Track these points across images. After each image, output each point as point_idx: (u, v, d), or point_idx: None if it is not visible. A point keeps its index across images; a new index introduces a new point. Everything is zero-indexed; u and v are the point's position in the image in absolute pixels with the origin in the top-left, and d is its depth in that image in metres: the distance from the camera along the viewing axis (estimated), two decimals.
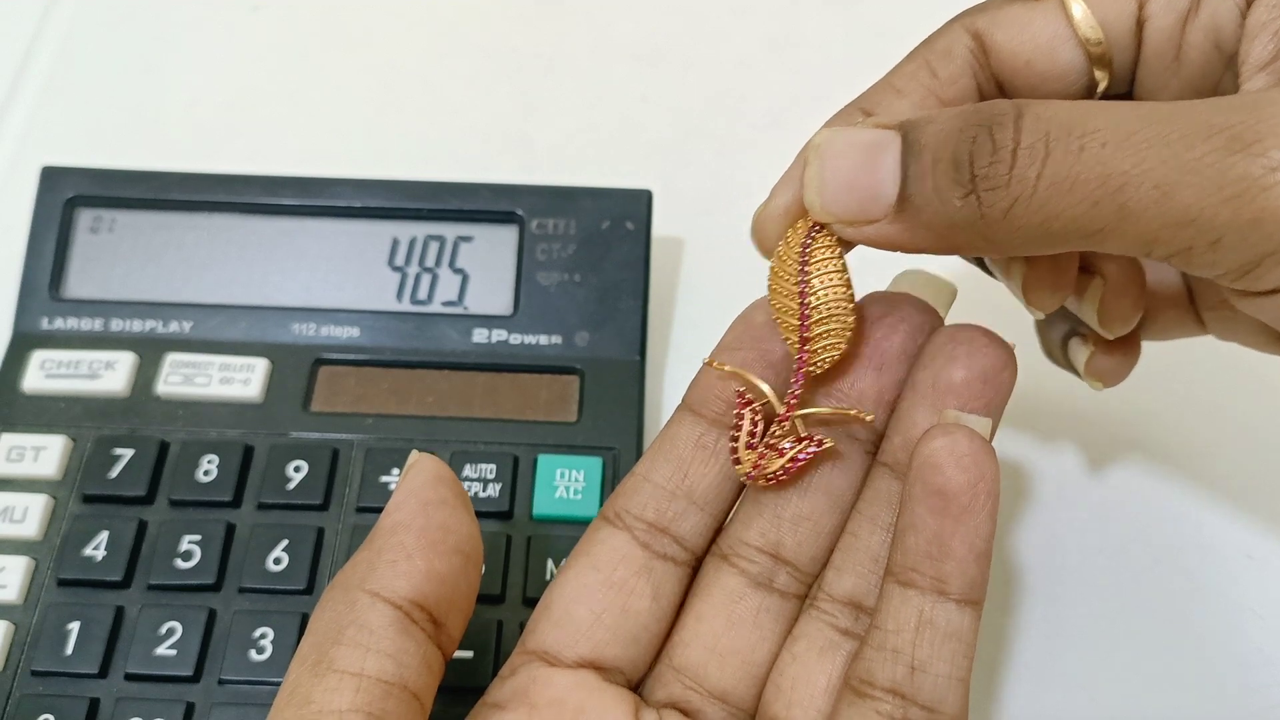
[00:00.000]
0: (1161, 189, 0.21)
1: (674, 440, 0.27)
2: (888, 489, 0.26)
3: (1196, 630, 0.34)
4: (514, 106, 0.46)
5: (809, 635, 0.26)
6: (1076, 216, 0.22)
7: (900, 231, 0.24)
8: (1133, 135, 0.21)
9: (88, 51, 0.48)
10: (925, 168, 0.23)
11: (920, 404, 0.26)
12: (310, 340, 0.36)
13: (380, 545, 0.24)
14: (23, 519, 0.33)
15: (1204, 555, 0.36)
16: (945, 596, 0.24)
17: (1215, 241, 0.21)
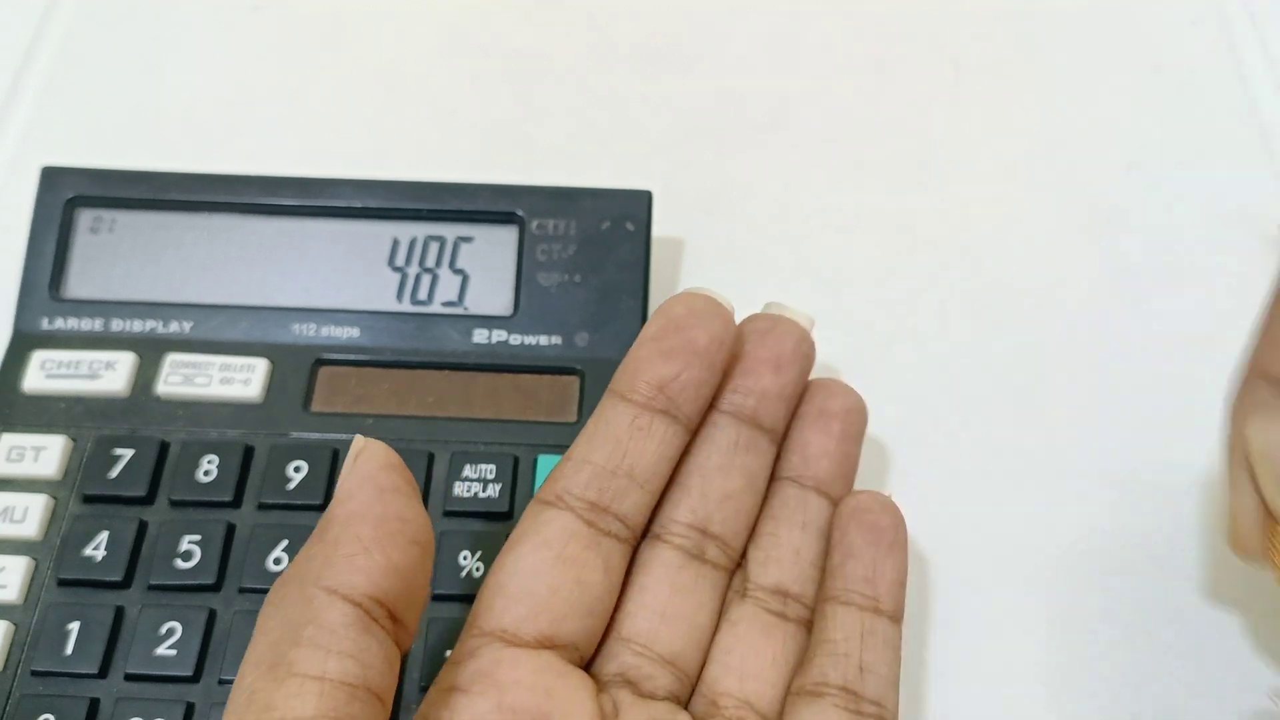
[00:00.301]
0: None
1: (609, 424, 0.29)
2: (797, 495, 0.31)
3: (1194, 630, 0.34)
4: (514, 107, 0.46)
5: (748, 618, 0.29)
6: None
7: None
8: None
9: (88, 51, 0.48)
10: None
11: (810, 428, 0.32)
12: (310, 340, 0.36)
13: (335, 537, 0.23)
14: (23, 519, 0.33)
15: (1203, 555, 0.36)
16: (880, 614, 0.29)
17: None
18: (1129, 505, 0.36)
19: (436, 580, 0.32)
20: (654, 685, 0.28)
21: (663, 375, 0.29)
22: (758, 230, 0.43)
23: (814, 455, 0.31)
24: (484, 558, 0.33)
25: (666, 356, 0.29)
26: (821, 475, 0.31)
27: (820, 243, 0.41)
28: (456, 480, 0.34)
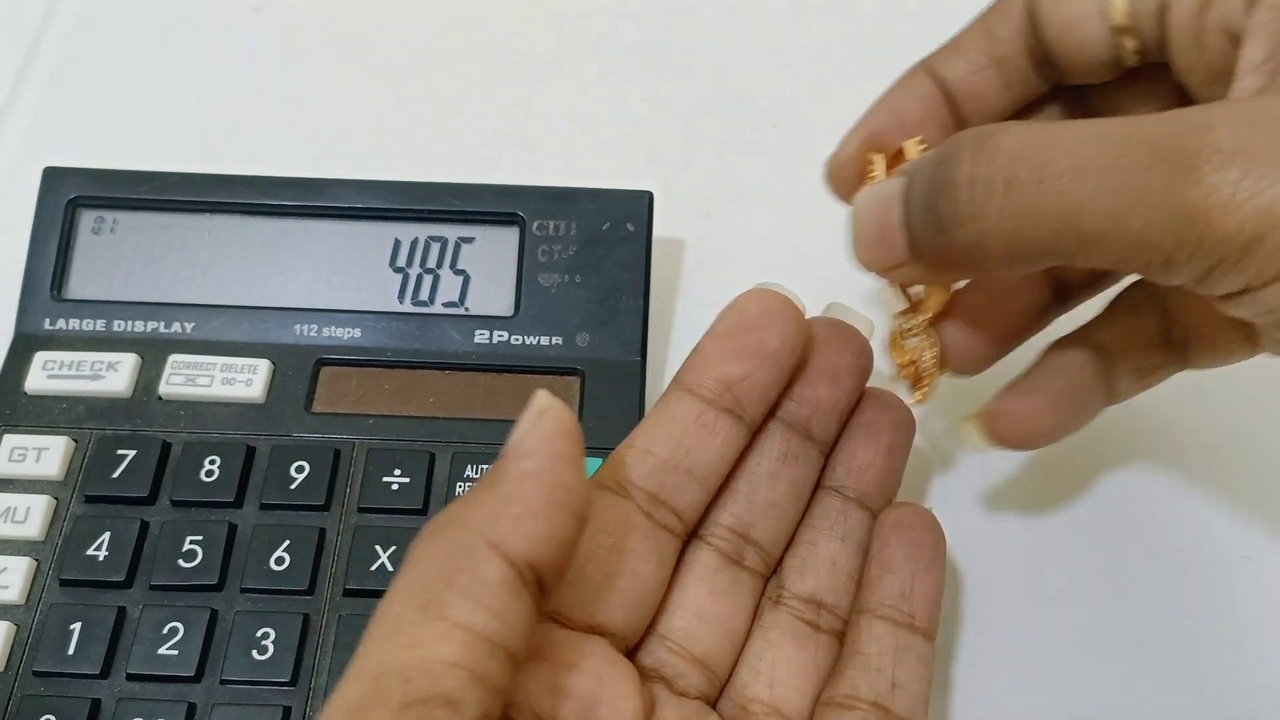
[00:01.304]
0: (1113, 218, 0.23)
1: (673, 417, 0.29)
2: (838, 506, 0.31)
3: (1195, 631, 0.34)
4: (515, 107, 0.46)
5: (781, 625, 0.29)
6: (1043, 241, 0.24)
7: (919, 271, 0.27)
8: (1086, 164, 0.23)
9: (90, 52, 0.48)
10: (915, 213, 0.26)
11: (859, 440, 0.31)
12: (312, 341, 0.36)
13: (506, 493, 0.23)
14: (25, 519, 0.33)
15: (1202, 556, 0.36)
16: (914, 630, 0.29)
17: (1167, 260, 0.23)
18: None
19: None
20: (686, 684, 0.28)
21: (731, 374, 0.29)
22: (758, 231, 0.43)
23: (860, 468, 0.31)
24: None
25: (737, 356, 0.29)
26: (865, 488, 0.31)
27: (820, 243, 0.41)
28: (458, 481, 0.34)
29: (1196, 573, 0.35)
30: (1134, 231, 0.23)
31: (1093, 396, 0.32)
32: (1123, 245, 0.23)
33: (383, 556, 0.33)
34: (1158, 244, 0.23)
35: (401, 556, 0.32)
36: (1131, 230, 0.23)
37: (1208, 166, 0.22)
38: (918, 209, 0.26)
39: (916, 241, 0.26)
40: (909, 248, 0.27)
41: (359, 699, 0.21)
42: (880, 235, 0.27)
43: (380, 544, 0.33)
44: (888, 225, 0.27)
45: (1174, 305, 0.32)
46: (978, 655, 0.34)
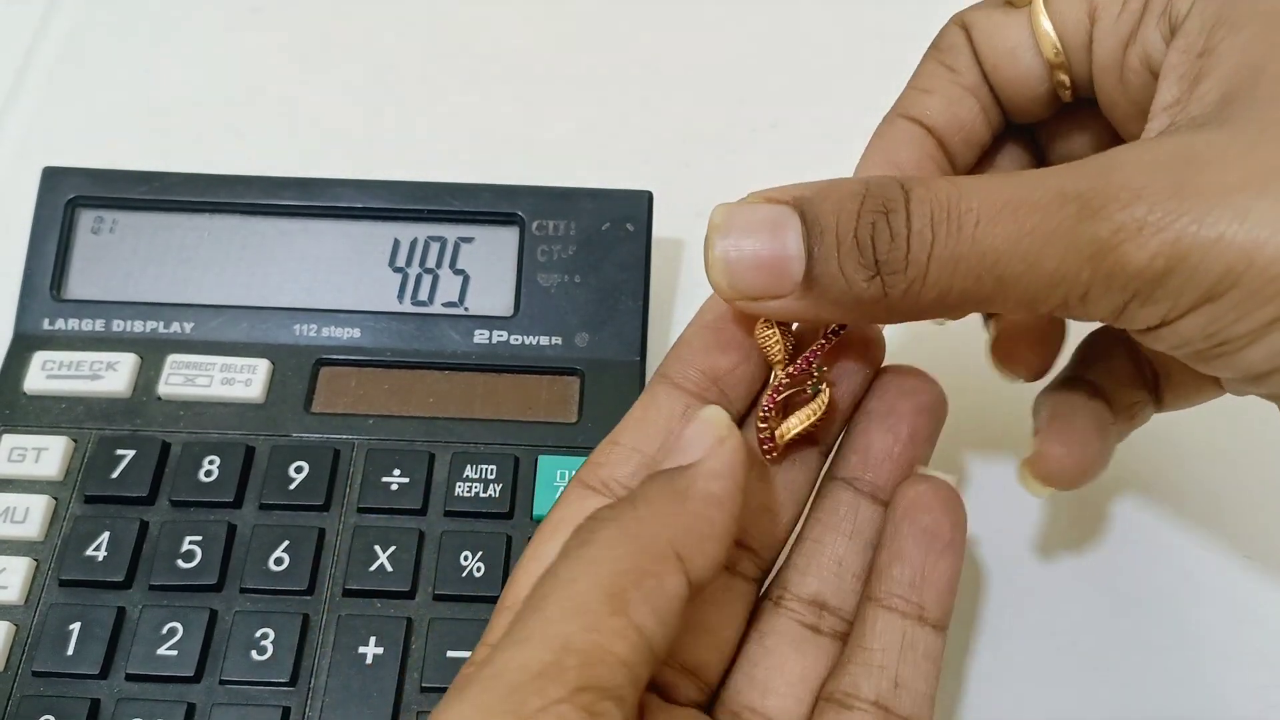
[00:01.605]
0: (1028, 260, 0.23)
1: (660, 411, 0.28)
2: (850, 500, 0.29)
3: (1194, 631, 0.34)
4: (514, 107, 0.46)
5: (779, 630, 0.28)
6: (965, 289, 0.24)
7: (807, 307, 0.25)
8: (1000, 211, 0.23)
9: (89, 52, 0.48)
10: (830, 250, 0.24)
11: (875, 428, 0.29)
12: (311, 341, 0.36)
13: (696, 512, 0.23)
14: (24, 519, 0.33)
15: (1203, 557, 0.36)
16: (924, 622, 0.27)
17: (1083, 295, 0.24)
18: None
19: (437, 580, 0.32)
20: (677, 693, 0.27)
21: (718, 366, 0.28)
22: None
23: (875, 459, 0.29)
24: (485, 558, 0.33)
25: (724, 347, 0.28)
26: (880, 482, 0.29)
27: None
28: (457, 480, 0.34)
29: (1197, 573, 0.35)
30: (1048, 271, 0.23)
31: (1110, 428, 0.32)
32: (1039, 284, 0.23)
33: (382, 557, 0.33)
34: (1073, 280, 0.23)
35: (400, 556, 0.32)
36: (1046, 270, 0.23)
37: (1114, 205, 0.23)
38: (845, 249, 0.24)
39: (822, 279, 0.24)
40: (804, 281, 0.25)
41: (538, 666, 0.21)
42: (767, 262, 0.25)
43: (379, 544, 0.33)
44: (780, 252, 0.25)
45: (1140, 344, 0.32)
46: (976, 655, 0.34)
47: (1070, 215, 0.23)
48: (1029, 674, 0.34)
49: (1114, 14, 0.27)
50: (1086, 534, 0.36)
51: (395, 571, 0.32)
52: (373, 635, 0.31)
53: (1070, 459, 0.31)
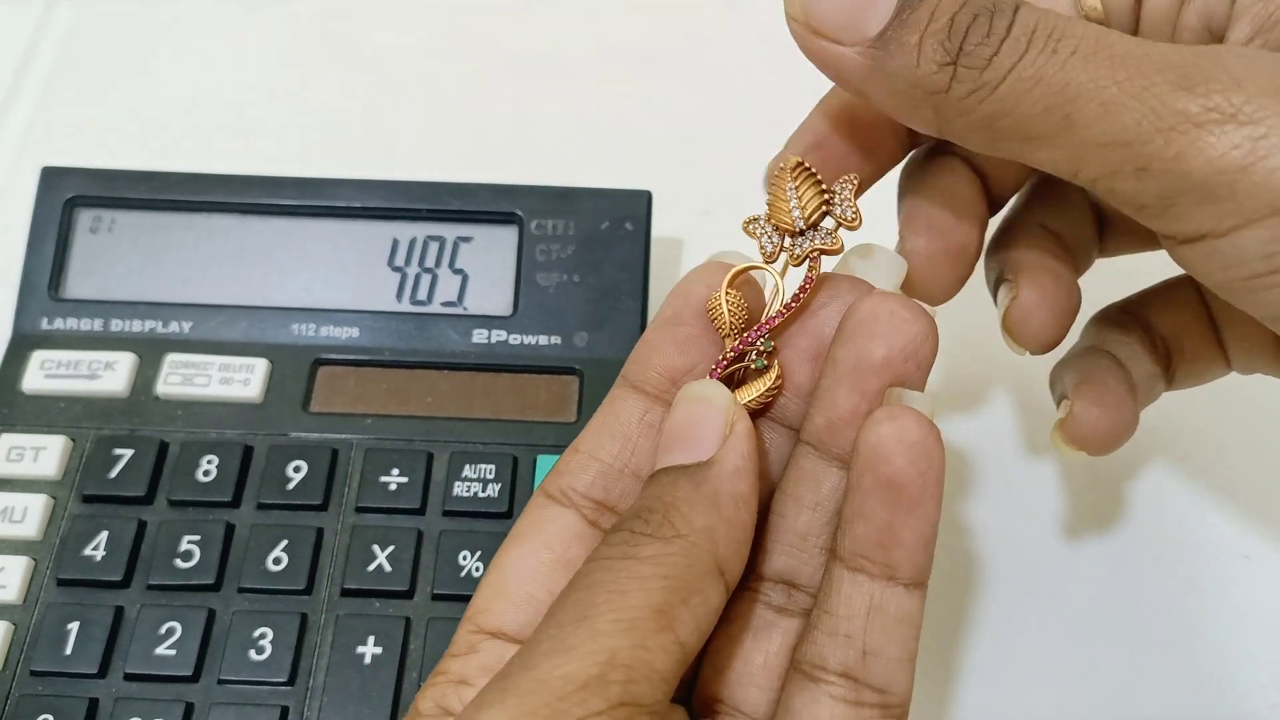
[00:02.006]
0: (1107, 106, 0.22)
1: (618, 416, 0.27)
2: (812, 468, 0.26)
3: (1194, 630, 0.34)
4: (514, 107, 0.46)
5: (743, 615, 0.26)
6: (1025, 117, 0.23)
7: (859, 66, 0.24)
8: (1099, 50, 0.22)
9: (88, 52, 0.48)
10: (920, 20, 0.23)
11: (842, 383, 0.25)
12: (310, 340, 0.36)
13: (729, 517, 0.23)
14: (22, 519, 0.33)
15: (1201, 556, 0.36)
16: (895, 582, 0.24)
17: (1142, 169, 0.22)
18: None
19: (436, 580, 0.32)
20: None
21: (676, 366, 0.26)
22: None
23: (839, 420, 0.25)
24: (484, 558, 0.33)
25: (682, 346, 0.26)
26: (846, 446, 0.25)
27: None
28: (456, 480, 0.34)
29: (1196, 573, 0.35)
30: (1120, 127, 0.22)
31: (1134, 394, 0.31)
32: (1103, 139, 0.22)
33: (380, 556, 0.32)
34: (1140, 146, 0.22)
35: (399, 556, 0.32)
36: (1118, 123, 0.22)
37: (1212, 84, 0.21)
38: (936, 26, 0.23)
39: (893, 44, 0.23)
40: (877, 38, 0.23)
41: (584, 678, 0.21)
42: (853, 4, 0.24)
43: (378, 544, 0.33)
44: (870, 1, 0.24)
45: (1154, 317, 0.32)
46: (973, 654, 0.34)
47: (1166, 80, 0.22)
48: (1028, 673, 0.34)
49: None
50: (1085, 533, 0.36)
51: (394, 571, 0.32)
52: (371, 635, 0.31)
53: (1105, 421, 0.30)
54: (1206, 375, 0.32)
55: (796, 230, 0.26)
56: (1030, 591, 0.35)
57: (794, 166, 0.26)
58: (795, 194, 0.26)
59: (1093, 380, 0.31)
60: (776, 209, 0.26)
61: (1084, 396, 0.30)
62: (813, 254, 0.26)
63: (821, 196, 0.26)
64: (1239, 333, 0.31)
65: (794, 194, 0.26)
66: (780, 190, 0.26)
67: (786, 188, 0.26)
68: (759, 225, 0.27)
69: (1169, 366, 0.32)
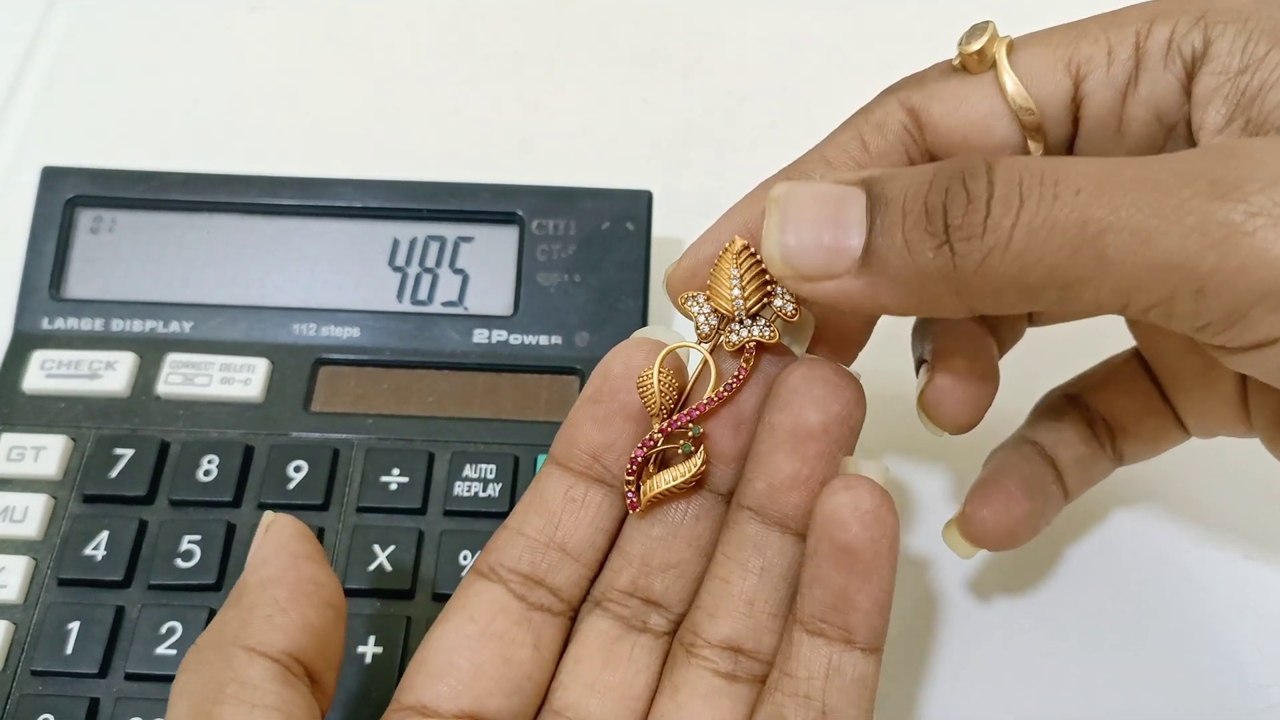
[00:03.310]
0: (1141, 235, 0.20)
1: (543, 494, 0.27)
2: (754, 534, 0.26)
3: (1196, 631, 0.34)
4: (514, 107, 0.46)
5: (690, 683, 0.26)
6: (1054, 265, 0.21)
7: (864, 287, 0.23)
8: (1107, 182, 0.21)
9: (88, 52, 0.48)
10: (895, 220, 0.23)
11: (779, 450, 0.26)
12: (311, 340, 0.36)
13: (251, 601, 0.24)
14: (23, 519, 0.33)
15: (1203, 556, 0.36)
16: (852, 646, 0.25)
17: (1199, 290, 0.21)
18: None
19: (437, 580, 0.32)
20: None
21: (595, 443, 0.27)
22: None
23: (780, 485, 0.26)
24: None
25: (600, 423, 0.27)
26: (788, 510, 0.26)
27: None
28: (456, 480, 0.34)
29: (1197, 572, 0.35)
30: (1164, 251, 0.20)
31: (1050, 487, 0.31)
32: (1149, 268, 0.20)
33: (381, 556, 0.33)
34: (1192, 267, 0.20)
35: (400, 556, 0.32)
36: (1161, 250, 0.20)
37: (1250, 186, 0.20)
38: (912, 218, 0.22)
39: (882, 252, 0.23)
40: (863, 256, 0.23)
41: None
42: (818, 237, 0.23)
43: (379, 543, 0.33)
44: (835, 228, 0.23)
45: (1094, 400, 0.32)
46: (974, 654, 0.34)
47: (1197, 193, 0.20)
48: (1028, 673, 0.34)
49: (1103, 66, 0.25)
50: (1084, 533, 0.36)
51: (394, 570, 0.32)
52: (372, 634, 0.31)
53: (994, 520, 0.30)
54: (1162, 445, 0.32)
55: (736, 318, 0.26)
56: (1029, 591, 0.35)
57: (739, 250, 0.26)
58: (739, 280, 0.26)
59: (992, 480, 0.31)
60: (717, 292, 0.26)
61: (978, 497, 0.31)
62: (749, 343, 0.26)
63: (764, 287, 0.26)
64: (1199, 407, 0.32)
65: (737, 280, 0.26)
66: (724, 273, 0.26)
67: (730, 272, 0.26)
68: (698, 304, 0.26)
69: (1114, 445, 0.32)
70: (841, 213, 0.23)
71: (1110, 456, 0.32)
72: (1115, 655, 0.34)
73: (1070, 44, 0.26)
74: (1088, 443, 0.32)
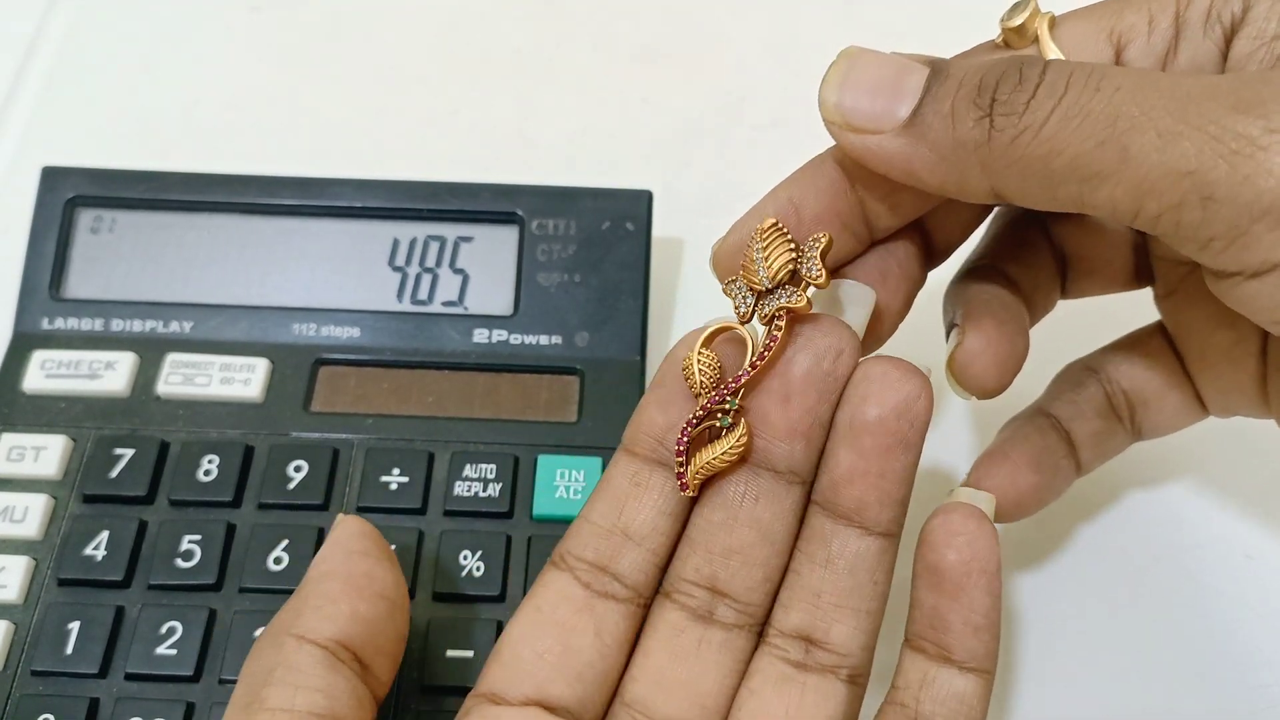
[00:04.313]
0: (1165, 136, 0.21)
1: (610, 481, 0.28)
2: (820, 527, 0.27)
3: (1196, 630, 0.34)
4: (514, 107, 0.46)
5: (763, 671, 0.27)
6: (1079, 154, 0.22)
7: (901, 147, 0.24)
8: (1145, 86, 0.22)
9: (88, 51, 0.48)
10: (948, 90, 0.24)
11: (840, 444, 0.26)
12: (311, 340, 0.36)
13: (307, 593, 0.26)
14: (23, 519, 0.33)
15: (1203, 555, 0.36)
16: (949, 663, 0.26)
17: (1208, 197, 0.21)
18: None
19: (437, 579, 0.32)
20: None
21: (659, 426, 0.27)
22: None
23: (841, 479, 0.26)
24: (484, 558, 0.33)
25: (663, 405, 0.27)
26: (849, 504, 0.26)
27: None
28: (457, 480, 0.34)
29: (1197, 572, 0.35)
30: (1181, 154, 0.21)
31: (1061, 461, 0.32)
32: (1165, 169, 0.21)
33: None
34: (1205, 173, 0.21)
35: (400, 556, 0.32)
36: (1179, 152, 0.21)
37: (1272, 105, 0.21)
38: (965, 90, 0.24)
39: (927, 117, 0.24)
40: (909, 118, 0.24)
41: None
42: (875, 90, 0.25)
43: None
44: (893, 86, 0.24)
45: (1115, 373, 0.32)
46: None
47: (1221, 106, 0.21)
48: (1027, 673, 0.34)
49: (1145, 34, 0.26)
50: (1084, 532, 0.36)
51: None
52: None
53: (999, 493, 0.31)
54: (1180, 422, 0.33)
55: (764, 289, 0.26)
56: (1029, 591, 0.35)
57: (768, 227, 0.26)
58: (762, 254, 0.26)
59: (999, 451, 0.32)
60: (748, 270, 0.26)
61: (980, 467, 0.32)
62: (779, 312, 0.26)
63: (789, 255, 0.26)
64: (1220, 384, 0.32)
65: (761, 254, 0.26)
66: (754, 251, 0.26)
67: (756, 248, 0.26)
68: (735, 286, 0.27)
69: (1133, 419, 0.32)
70: (902, 79, 0.25)
71: (1128, 431, 0.32)
72: (1115, 654, 0.34)
73: (1113, 15, 0.27)
74: (1105, 416, 0.32)
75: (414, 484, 0.34)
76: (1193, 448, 0.37)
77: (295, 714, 0.24)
